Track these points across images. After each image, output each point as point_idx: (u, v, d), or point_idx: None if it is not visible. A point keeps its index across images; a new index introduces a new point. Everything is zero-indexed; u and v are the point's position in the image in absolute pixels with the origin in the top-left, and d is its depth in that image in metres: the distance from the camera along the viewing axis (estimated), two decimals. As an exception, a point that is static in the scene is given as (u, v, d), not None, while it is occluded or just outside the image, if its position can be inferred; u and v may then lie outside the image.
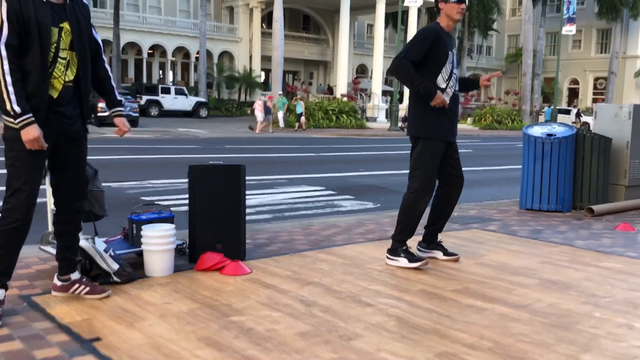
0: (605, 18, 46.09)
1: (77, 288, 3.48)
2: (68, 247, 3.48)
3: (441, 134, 4.29)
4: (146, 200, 7.55)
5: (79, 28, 3.28)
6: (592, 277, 4.21)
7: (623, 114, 7.50)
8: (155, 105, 32.92)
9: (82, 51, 3.31)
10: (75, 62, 3.28)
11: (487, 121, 37.90)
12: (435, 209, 4.58)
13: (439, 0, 4.28)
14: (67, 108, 3.27)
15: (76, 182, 3.41)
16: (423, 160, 4.29)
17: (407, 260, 4.33)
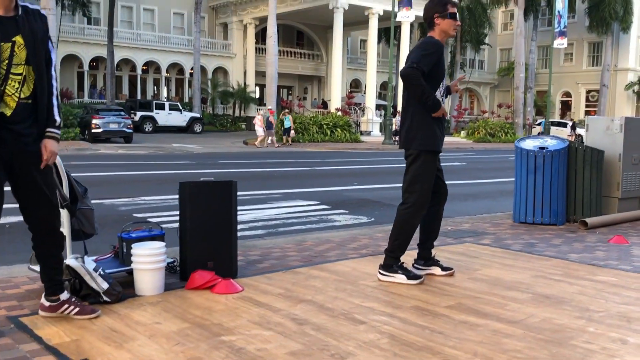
0: (596, 31, 46.47)
1: (66, 308, 3.41)
2: (52, 267, 3.39)
3: (438, 146, 4.32)
4: (139, 217, 7.51)
5: (34, 41, 3.09)
6: (586, 291, 4.19)
7: (614, 126, 7.53)
8: (150, 121, 32.92)
9: (38, 65, 3.12)
10: (32, 78, 3.11)
11: (480, 134, 38.02)
12: (426, 223, 4.56)
13: (435, 16, 4.28)
14: (23, 126, 3.09)
15: (41, 201, 3.24)
16: (424, 174, 4.28)
17: (405, 277, 4.31)
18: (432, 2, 4.34)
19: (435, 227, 4.60)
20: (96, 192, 9.55)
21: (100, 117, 25.21)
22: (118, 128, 25.29)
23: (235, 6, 42.00)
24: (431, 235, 4.61)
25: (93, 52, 37.02)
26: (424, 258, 4.62)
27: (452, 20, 4.26)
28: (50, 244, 3.34)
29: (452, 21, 4.26)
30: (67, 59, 36.33)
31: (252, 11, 40.72)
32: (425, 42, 4.28)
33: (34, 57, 3.09)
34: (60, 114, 3.35)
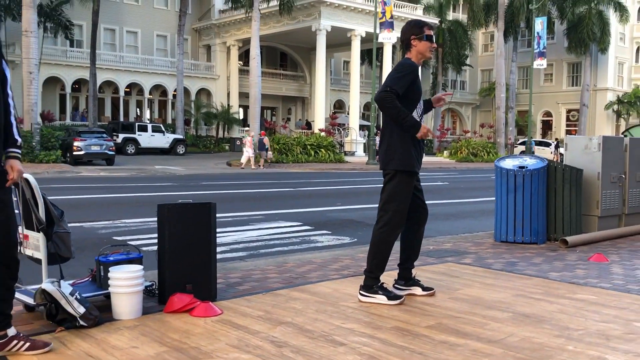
0: (574, 52, 47.26)
1: (15, 344, 3.20)
2: (2, 299, 3.19)
3: (415, 167, 4.33)
4: (119, 240, 7.44)
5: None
6: (566, 310, 4.20)
7: (593, 145, 7.62)
8: (132, 143, 32.77)
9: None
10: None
11: (463, 154, 38.32)
12: (406, 243, 4.57)
13: (412, 38, 4.33)
14: None
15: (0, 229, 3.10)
16: (400, 193, 4.29)
17: (385, 297, 4.30)
18: (409, 24, 4.41)
19: (416, 247, 4.60)
20: (76, 215, 9.47)
21: (82, 139, 25.06)
22: (100, 150, 25.14)
23: (218, 28, 42.21)
24: (411, 255, 4.60)
25: (75, 75, 36.91)
26: (405, 278, 4.60)
27: (428, 42, 4.31)
28: (5, 274, 3.16)
29: (428, 43, 4.31)
30: (49, 82, 36.18)
31: (235, 33, 40.95)
32: (400, 64, 4.34)
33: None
34: (19, 133, 3.27)
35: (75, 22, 36.68)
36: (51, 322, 3.67)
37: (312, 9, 35.73)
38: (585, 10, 45.33)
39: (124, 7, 40.42)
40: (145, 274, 4.31)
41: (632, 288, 4.91)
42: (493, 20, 43.62)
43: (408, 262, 4.60)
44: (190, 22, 41.96)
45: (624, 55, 52.22)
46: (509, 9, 42.39)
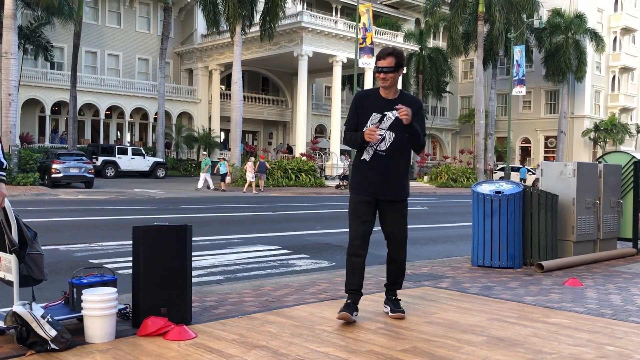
0: (552, 80, 48.13)
1: None
2: None
3: (361, 190, 4.46)
4: (94, 263, 7.36)
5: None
6: (540, 333, 4.23)
7: (568, 171, 7.74)
8: (112, 166, 32.55)
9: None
10: None
11: (443, 179, 38.60)
12: (387, 268, 4.70)
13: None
14: None
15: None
16: (350, 212, 4.51)
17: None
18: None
19: (390, 270, 4.67)
20: (52, 238, 9.37)
21: (60, 161, 24.83)
22: (79, 173, 24.92)
23: (200, 52, 42.36)
24: (388, 278, 4.69)
25: (55, 97, 36.69)
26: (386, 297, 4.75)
27: (377, 74, 4.48)
28: None
29: (377, 74, 4.49)
30: (29, 103, 35.92)
31: (218, 57, 41.11)
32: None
33: None
34: (4, 156, 3.30)
35: (57, 44, 36.57)
36: (22, 345, 3.62)
37: (294, 34, 36.07)
38: (562, 40, 46.31)
39: (105, 30, 40.44)
40: (120, 297, 4.28)
41: (606, 312, 4.97)
42: (472, 48, 44.35)
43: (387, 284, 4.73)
44: (172, 46, 42.08)
45: (601, 84, 53.27)
46: (488, 37, 43.17)
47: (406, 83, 46.21)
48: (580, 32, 46.17)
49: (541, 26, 46.70)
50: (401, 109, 4.26)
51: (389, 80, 4.42)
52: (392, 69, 4.39)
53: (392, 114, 4.43)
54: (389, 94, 4.50)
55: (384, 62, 4.40)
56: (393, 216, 4.53)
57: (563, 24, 46.25)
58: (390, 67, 4.39)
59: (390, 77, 4.41)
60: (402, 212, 4.57)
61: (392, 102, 4.46)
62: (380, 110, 4.46)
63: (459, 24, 42.69)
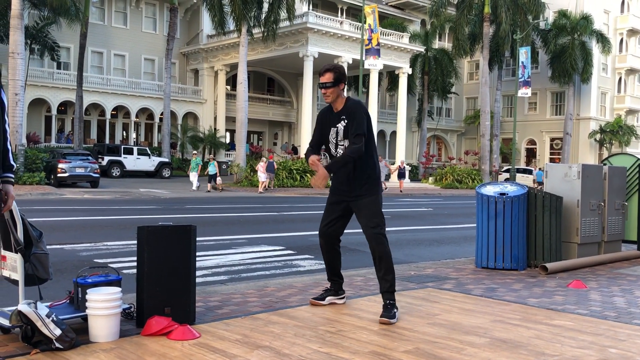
0: (558, 82, 48.03)
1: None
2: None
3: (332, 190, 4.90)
4: (100, 263, 7.39)
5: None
6: (543, 335, 4.23)
7: (572, 173, 7.73)
8: (117, 166, 32.65)
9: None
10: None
11: (448, 180, 38.57)
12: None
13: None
14: None
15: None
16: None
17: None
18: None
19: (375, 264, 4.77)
20: (58, 237, 9.41)
21: (66, 161, 24.93)
22: (84, 172, 25.01)
23: (206, 53, 42.46)
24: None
25: (61, 97, 36.85)
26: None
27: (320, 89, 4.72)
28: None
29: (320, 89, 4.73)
30: (35, 103, 36.08)
31: (223, 58, 41.20)
32: None
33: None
34: (14, 159, 3.34)
35: (63, 44, 36.71)
36: (26, 344, 3.65)
37: (300, 35, 36.12)
38: (568, 41, 46.21)
39: (112, 30, 40.59)
40: (124, 296, 4.30)
41: (609, 315, 4.96)
42: (478, 49, 44.30)
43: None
44: (178, 46, 42.19)
45: (607, 86, 53.12)
46: (493, 38, 43.11)
47: (411, 84, 46.19)
48: (586, 33, 46.05)
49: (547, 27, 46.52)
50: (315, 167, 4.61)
51: (330, 96, 4.68)
52: (331, 83, 4.64)
53: (341, 125, 4.70)
54: (337, 106, 4.74)
55: (324, 77, 4.67)
56: (361, 212, 4.71)
57: (569, 25, 46.15)
58: (329, 82, 4.65)
59: (330, 91, 4.65)
60: (369, 207, 4.67)
61: (339, 114, 4.73)
62: (334, 125, 4.74)
63: (465, 25, 42.65)
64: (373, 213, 4.65)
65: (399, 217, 15.61)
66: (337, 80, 4.63)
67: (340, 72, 4.66)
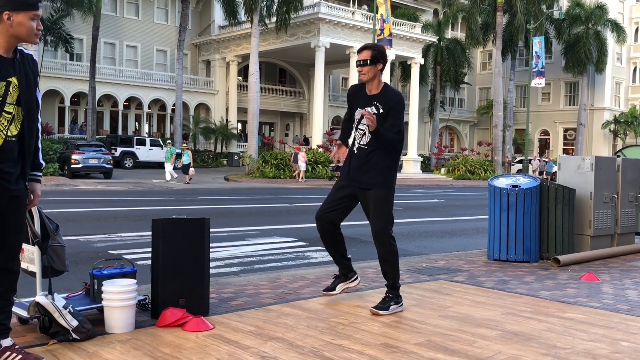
0: (572, 72, 47.64)
1: (7, 356, 3.24)
2: (1, 311, 3.25)
3: (341, 173, 4.73)
4: (114, 254, 7.47)
5: (27, 84, 3.17)
6: (554, 328, 4.24)
7: (585, 165, 7.69)
8: (130, 157, 32.87)
9: (28, 107, 3.18)
10: (20, 118, 3.16)
11: (460, 172, 38.44)
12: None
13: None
14: (8, 164, 3.11)
15: (10, 242, 3.22)
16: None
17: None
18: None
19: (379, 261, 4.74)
20: (72, 229, 9.51)
21: (79, 152, 25.12)
22: (98, 164, 25.19)
23: (218, 44, 42.49)
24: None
25: (75, 88, 37.07)
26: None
27: (357, 67, 4.52)
28: (6, 284, 3.25)
29: (357, 67, 4.52)
30: (48, 95, 36.33)
31: (235, 49, 41.21)
32: None
33: (25, 99, 3.15)
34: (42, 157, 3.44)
35: (76, 35, 36.89)
36: (44, 334, 3.71)
37: (311, 26, 36.03)
38: (582, 31, 45.77)
39: (124, 22, 40.72)
40: (139, 287, 4.36)
41: (621, 308, 4.96)
42: (491, 39, 44.01)
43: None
44: (190, 37, 42.27)
45: (621, 75, 52.61)
46: (507, 28, 42.78)
47: (424, 74, 45.99)
48: (601, 22, 45.59)
49: (561, 17, 46.14)
50: (366, 115, 4.30)
51: (366, 74, 4.45)
52: (366, 61, 4.40)
53: (371, 110, 4.45)
54: (372, 88, 4.53)
55: (361, 55, 4.48)
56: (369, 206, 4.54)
57: (583, 14, 45.68)
58: (364, 59, 4.41)
59: (367, 69, 4.43)
60: (379, 203, 4.47)
61: (374, 98, 4.49)
62: (363, 106, 4.51)
63: (478, 15, 42.35)
64: (381, 210, 4.46)
65: (411, 209, 15.61)
66: (375, 59, 4.41)
67: (379, 51, 4.45)
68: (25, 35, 3.10)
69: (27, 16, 3.07)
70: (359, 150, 4.57)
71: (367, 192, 4.52)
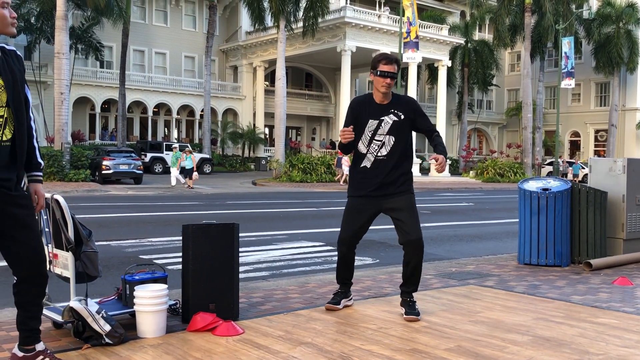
0: (602, 72, 46.85)
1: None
2: (32, 317, 3.25)
3: (354, 194, 4.63)
4: (145, 259, 7.58)
5: (14, 83, 3.02)
6: (587, 334, 4.18)
7: (617, 167, 7.57)
8: (160, 162, 33.27)
9: (18, 108, 3.03)
10: (12, 120, 3.03)
11: (489, 174, 38.06)
12: (402, 269, 4.62)
13: (370, 72, 4.60)
14: (6, 170, 3.01)
15: (31, 245, 3.14)
16: (345, 213, 4.68)
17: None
18: (373, 57, 4.64)
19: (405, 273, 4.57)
20: (104, 234, 9.67)
21: (110, 158, 25.53)
22: (128, 169, 25.57)
23: (245, 49, 42.81)
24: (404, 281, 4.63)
25: (105, 95, 37.70)
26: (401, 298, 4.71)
27: (381, 78, 4.45)
28: (34, 290, 3.22)
29: (380, 78, 4.46)
30: (79, 102, 37.01)
31: (262, 54, 41.48)
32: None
33: (13, 100, 3.02)
34: (41, 155, 3.34)
35: (106, 43, 37.50)
36: (78, 339, 3.79)
37: (337, 30, 36.09)
38: (613, 30, 45.00)
39: (153, 29, 41.29)
40: (169, 292, 4.42)
41: (656, 313, 4.86)
42: (519, 40, 43.55)
43: (401, 286, 4.64)
44: (217, 43, 42.68)
45: (654, 75, 51.55)
46: (535, 29, 42.28)
47: (451, 76, 45.69)
48: (632, 21, 44.77)
49: (591, 17, 45.45)
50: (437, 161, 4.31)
51: (390, 86, 4.50)
52: (394, 74, 4.49)
53: (389, 119, 4.51)
54: (385, 99, 4.55)
55: (391, 67, 4.46)
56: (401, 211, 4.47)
57: (614, 13, 44.91)
58: (395, 73, 4.49)
59: (393, 82, 4.51)
60: (410, 207, 4.48)
61: (388, 107, 4.54)
62: (377, 117, 4.53)
63: (506, 16, 41.95)
64: (417, 216, 4.49)
65: (439, 212, 15.51)
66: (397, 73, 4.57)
67: (400, 66, 4.65)
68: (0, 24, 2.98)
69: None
70: (377, 161, 4.53)
71: (397, 200, 4.50)
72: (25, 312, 3.22)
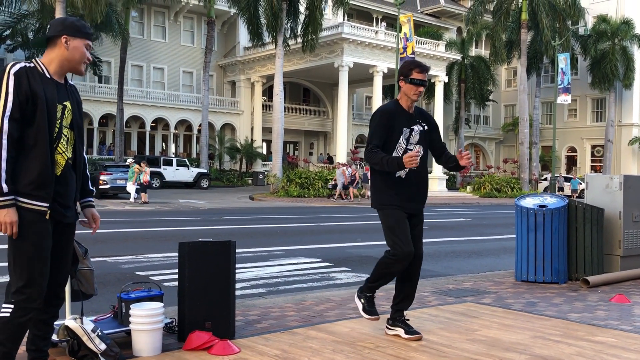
0: (598, 88, 47.16)
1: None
2: (43, 337, 3.37)
3: (394, 204, 4.35)
4: (141, 276, 7.54)
5: (78, 110, 3.33)
6: (584, 352, 4.17)
7: (614, 184, 7.58)
8: (157, 177, 33.24)
9: (79, 131, 3.31)
10: (72, 142, 3.26)
11: (486, 189, 38.08)
12: (398, 285, 4.55)
13: (400, 79, 4.46)
14: (65, 189, 3.21)
15: (65, 268, 3.36)
16: (388, 227, 4.35)
17: (362, 307, 4.50)
18: (403, 64, 4.52)
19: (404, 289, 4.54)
20: (100, 250, 9.63)
21: (108, 173, 25.52)
22: (125, 184, 25.50)
23: (243, 65, 42.98)
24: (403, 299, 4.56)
25: (103, 110, 37.76)
26: (392, 319, 4.59)
27: (413, 86, 4.34)
28: (52, 311, 3.36)
29: (412, 86, 4.35)
30: (78, 116, 36.98)
31: (260, 69, 41.64)
32: (372, 116, 4.49)
33: (76, 123, 3.29)
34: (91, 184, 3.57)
35: (104, 58, 37.61)
36: (73, 358, 3.76)
37: (335, 46, 36.27)
38: (609, 47, 45.35)
39: (151, 44, 41.45)
40: (166, 310, 4.40)
41: (654, 331, 4.85)
42: (516, 56, 43.81)
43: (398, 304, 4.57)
44: (215, 58, 42.84)
45: (650, 91, 51.84)
46: (531, 45, 42.56)
47: (448, 92, 45.89)
48: (627, 38, 45.16)
49: (586, 33, 45.81)
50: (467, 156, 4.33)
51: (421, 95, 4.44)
52: (426, 82, 4.41)
53: (417, 128, 4.44)
54: (411, 108, 4.48)
55: (424, 76, 4.38)
56: (419, 226, 4.49)
57: (609, 30, 45.31)
58: (427, 81, 4.45)
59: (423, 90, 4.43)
60: (422, 223, 4.57)
61: (415, 116, 4.48)
62: (409, 125, 4.42)
63: (502, 32, 42.23)
64: (422, 231, 4.56)
65: (437, 228, 15.50)
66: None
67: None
68: (79, 59, 3.22)
69: (82, 43, 3.22)
70: (412, 172, 4.38)
71: (419, 214, 4.50)
72: (36, 330, 3.33)
